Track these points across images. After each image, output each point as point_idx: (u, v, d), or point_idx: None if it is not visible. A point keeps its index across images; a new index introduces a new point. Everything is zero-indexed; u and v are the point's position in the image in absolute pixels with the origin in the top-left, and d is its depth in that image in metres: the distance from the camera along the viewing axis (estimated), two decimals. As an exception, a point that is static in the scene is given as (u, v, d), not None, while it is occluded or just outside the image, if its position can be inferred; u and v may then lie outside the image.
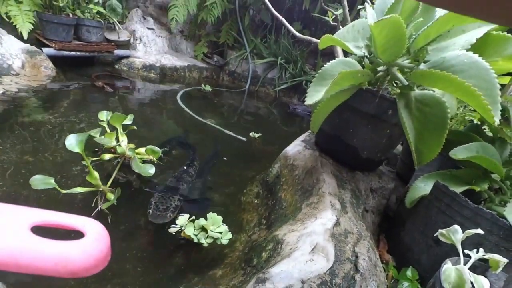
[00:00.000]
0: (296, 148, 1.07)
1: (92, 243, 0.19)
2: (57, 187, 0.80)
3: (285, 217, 0.87)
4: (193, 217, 0.86)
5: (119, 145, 1.07)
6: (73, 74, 2.06)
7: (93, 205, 0.90)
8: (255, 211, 1.04)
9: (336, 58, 0.71)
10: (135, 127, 1.21)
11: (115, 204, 0.91)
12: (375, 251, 0.69)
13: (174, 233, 0.84)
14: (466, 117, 1.27)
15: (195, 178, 1.18)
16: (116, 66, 2.45)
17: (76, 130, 1.30)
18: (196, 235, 0.81)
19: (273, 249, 0.67)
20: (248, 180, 1.23)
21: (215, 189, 1.14)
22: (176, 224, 0.85)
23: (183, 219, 0.86)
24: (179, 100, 2.04)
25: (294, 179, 0.98)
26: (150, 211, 0.90)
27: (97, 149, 1.14)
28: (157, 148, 1.08)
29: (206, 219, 0.86)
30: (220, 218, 0.86)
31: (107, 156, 1.06)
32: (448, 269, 0.58)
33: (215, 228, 0.84)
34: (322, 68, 0.69)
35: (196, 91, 2.46)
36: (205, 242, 0.81)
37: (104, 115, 1.14)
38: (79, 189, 0.86)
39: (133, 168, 0.96)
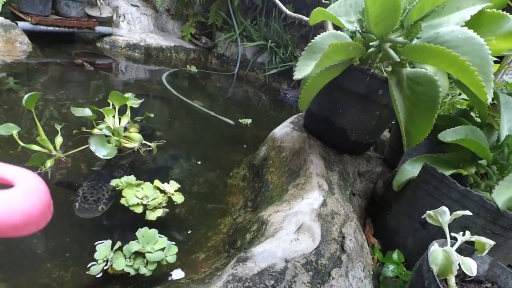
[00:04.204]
0: (284, 129, 1.04)
1: (22, 195, 0.15)
2: (15, 136, 0.81)
3: (271, 199, 0.84)
4: (118, 243, 0.65)
5: (101, 122, 1.04)
6: (52, 50, 1.95)
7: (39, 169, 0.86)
8: (241, 194, 1.01)
9: (327, 31, 0.67)
10: (152, 115, 1.24)
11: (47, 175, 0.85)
12: (361, 233, 0.68)
13: (98, 274, 0.62)
14: (455, 105, 1.26)
15: None
16: (98, 44, 2.33)
17: (53, 108, 1.23)
18: (131, 266, 0.62)
19: (257, 230, 0.64)
20: (235, 164, 1.20)
21: (201, 172, 1.11)
22: (96, 260, 0.62)
23: (104, 249, 0.63)
24: (164, 81, 1.96)
25: (281, 161, 0.95)
26: (77, 204, 0.75)
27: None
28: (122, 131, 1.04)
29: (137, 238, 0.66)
30: (154, 231, 0.67)
31: (96, 130, 1.03)
32: (435, 250, 0.57)
33: (152, 247, 0.65)
34: (312, 40, 0.65)
35: (183, 72, 2.38)
36: (146, 271, 0.62)
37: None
38: (34, 147, 0.87)
39: (89, 145, 0.92)
